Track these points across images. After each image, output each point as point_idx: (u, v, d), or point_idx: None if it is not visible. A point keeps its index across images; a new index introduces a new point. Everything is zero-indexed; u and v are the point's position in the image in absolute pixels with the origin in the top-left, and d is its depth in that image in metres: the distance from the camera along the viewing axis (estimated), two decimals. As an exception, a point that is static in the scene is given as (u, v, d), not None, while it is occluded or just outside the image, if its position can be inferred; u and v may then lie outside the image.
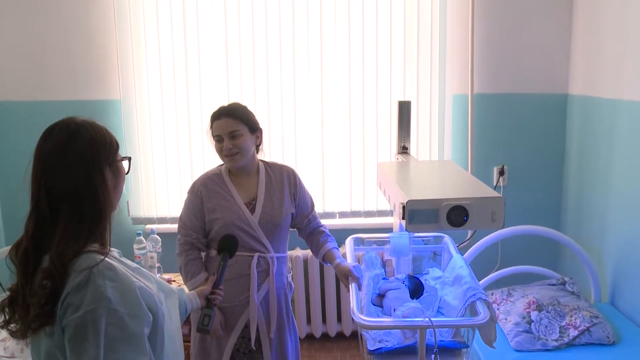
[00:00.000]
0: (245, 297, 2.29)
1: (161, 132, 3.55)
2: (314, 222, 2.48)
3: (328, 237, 2.45)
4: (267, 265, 2.31)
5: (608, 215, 3.14)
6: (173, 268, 3.27)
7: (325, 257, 2.40)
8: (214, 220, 2.28)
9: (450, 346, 2.06)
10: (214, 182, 2.32)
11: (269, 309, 2.34)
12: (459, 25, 3.52)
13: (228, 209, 2.27)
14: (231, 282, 2.27)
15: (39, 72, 3.49)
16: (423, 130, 3.60)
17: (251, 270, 2.27)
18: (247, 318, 2.31)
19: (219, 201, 2.28)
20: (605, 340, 2.62)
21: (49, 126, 1.35)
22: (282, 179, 2.37)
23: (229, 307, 2.30)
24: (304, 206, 2.43)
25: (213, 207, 2.28)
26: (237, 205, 2.28)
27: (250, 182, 2.34)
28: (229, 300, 2.27)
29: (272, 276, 2.31)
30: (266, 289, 2.32)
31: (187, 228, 2.33)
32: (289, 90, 3.51)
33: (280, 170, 2.40)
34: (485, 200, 1.92)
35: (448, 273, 2.50)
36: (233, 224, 2.25)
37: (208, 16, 3.46)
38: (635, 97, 2.86)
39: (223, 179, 2.33)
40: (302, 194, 2.42)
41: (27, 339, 1.33)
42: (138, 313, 1.28)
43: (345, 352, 3.59)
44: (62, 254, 1.26)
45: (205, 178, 2.35)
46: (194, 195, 2.32)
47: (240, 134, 2.25)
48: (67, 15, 3.43)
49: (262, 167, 2.38)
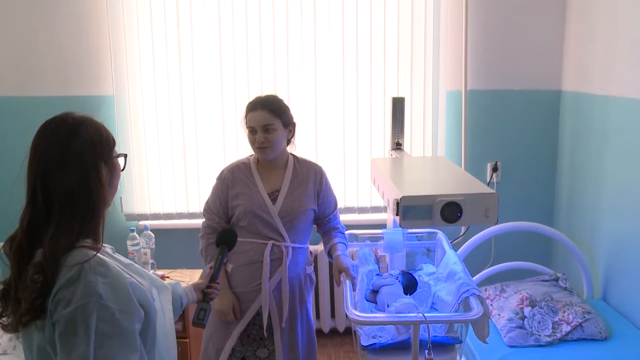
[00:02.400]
0: (258, 284, 2.32)
1: (154, 128, 3.53)
2: (334, 221, 2.51)
3: (339, 233, 2.49)
4: (281, 254, 2.33)
5: (600, 212, 3.15)
6: (167, 264, 3.28)
7: (330, 250, 2.44)
8: (236, 206, 2.33)
9: (443, 341, 2.07)
10: (240, 170, 2.38)
11: (282, 298, 2.35)
12: (452, 21, 3.52)
13: (250, 196, 2.32)
14: (244, 267, 2.32)
15: (30, 68, 3.46)
16: (416, 126, 3.60)
17: (265, 257, 2.30)
18: (260, 305, 2.33)
19: (243, 188, 2.34)
20: (598, 336, 2.63)
21: (46, 120, 1.35)
22: (308, 176, 2.41)
23: (242, 293, 2.34)
24: (327, 205, 2.47)
25: (236, 193, 2.33)
26: (260, 194, 2.32)
27: (276, 174, 2.38)
28: (242, 285, 2.34)
29: (284, 265, 2.33)
30: (279, 278, 2.34)
31: (212, 212, 2.38)
32: (283, 86, 3.50)
33: (308, 167, 2.44)
34: (479, 196, 1.93)
35: (442, 269, 2.51)
36: (253, 212, 2.30)
37: (201, 11, 3.44)
38: (625, 93, 2.88)
39: (250, 168, 2.38)
40: (326, 194, 2.45)
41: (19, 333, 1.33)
42: (129, 309, 1.28)
43: (339, 348, 3.60)
44: (55, 249, 1.26)
45: (233, 166, 2.40)
46: (220, 181, 2.38)
47: (273, 128, 2.28)
48: (59, 10, 3.41)
49: (291, 161, 2.42)
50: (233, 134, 3.50)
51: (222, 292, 2.14)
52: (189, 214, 3.60)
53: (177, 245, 3.57)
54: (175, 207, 3.61)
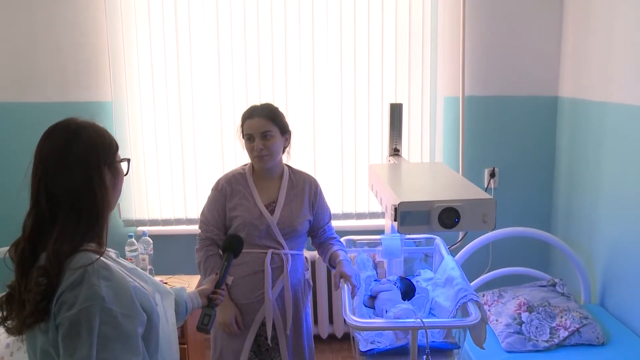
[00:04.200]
0: (261, 293, 2.31)
1: (153, 134, 3.54)
2: (329, 232, 2.50)
3: (337, 242, 2.47)
4: (282, 262, 2.32)
5: (597, 217, 3.16)
6: (165, 270, 3.27)
7: (331, 258, 2.41)
8: (234, 217, 2.31)
9: (441, 347, 2.07)
10: (237, 181, 2.36)
11: (285, 305, 2.35)
12: (450, 28, 3.54)
13: (248, 208, 2.31)
14: (246, 279, 2.30)
15: (29, 73, 3.47)
16: (414, 132, 3.61)
17: (265, 266, 2.29)
18: (264, 315, 2.32)
19: (240, 200, 2.32)
20: (595, 341, 2.64)
21: (49, 126, 1.37)
22: (303, 187, 2.40)
23: (245, 304, 2.33)
24: (321, 216, 2.46)
25: (234, 205, 2.32)
26: (257, 207, 2.31)
27: (272, 185, 2.37)
28: (244, 297, 2.32)
29: (286, 272, 2.33)
30: (281, 286, 2.34)
31: (209, 224, 2.36)
32: (281, 91, 3.51)
33: (303, 178, 2.43)
34: (477, 202, 1.94)
35: (439, 274, 2.51)
36: (251, 223, 2.29)
37: (200, 18, 3.45)
38: (623, 100, 2.89)
39: (246, 178, 2.36)
40: (320, 205, 2.45)
41: (23, 336, 1.34)
42: (132, 312, 1.29)
43: (337, 354, 3.59)
44: (58, 252, 1.27)
45: (230, 176, 2.38)
46: (217, 193, 2.36)
47: (272, 135, 2.27)
48: (58, 16, 3.41)
49: (286, 172, 2.41)
50: (231, 140, 3.50)
51: (223, 304, 2.12)
52: (187, 220, 3.60)
53: (175, 251, 3.57)
54: (173, 213, 3.61)
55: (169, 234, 3.62)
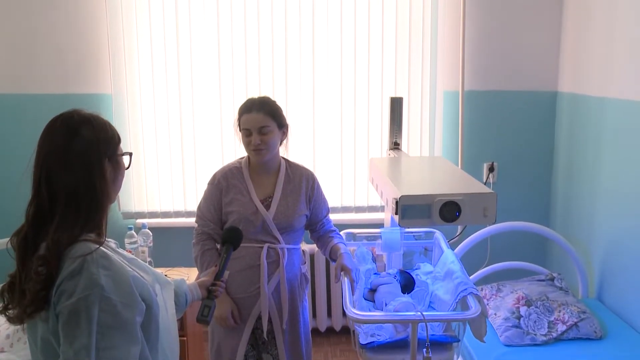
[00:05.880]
0: (257, 288, 2.31)
1: (152, 127, 3.54)
2: (327, 225, 2.49)
3: (336, 235, 2.47)
4: (277, 256, 2.32)
5: (596, 212, 3.18)
6: (164, 262, 3.28)
7: (331, 251, 2.40)
8: (230, 212, 2.30)
9: (441, 340, 2.08)
10: (234, 175, 2.34)
11: (281, 299, 2.35)
12: (450, 22, 3.54)
13: (244, 204, 2.30)
14: (242, 273, 2.30)
15: (28, 65, 3.46)
16: (414, 126, 3.62)
17: (261, 261, 2.29)
18: (260, 309, 2.32)
19: (236, 195, 2.31)
20: (593, 335, 2.66)
21: (52, 118, 1.37)
22: (300, 181, 2.39)
23: (242, 298, 2.33)
24: (319, 210, 2.45)
25: (230, 200, 2.31)
26: (253, 202, 2.30)
27: (269, 179, 2.36)
28: (240, 291, 2.32)
29: (282, 267, 2.32)
30: (277, 280, 2.34)
31: (205, 219, 2.35)
32: (281, 85, 3.51)
33: (300, 172, 2.41)
34: (478, 196, 1.94)
35: (439, 268, 2.52)
36: (247, 218, 2.28)
37: (200, 10, 3.45)
38: (622, 95, 2.90)
39: (242, 173, 2.35)
40: (317, 199, 2.43)
41: (24, 325, 1.36)
42: (131, 302, 1.30)
43: (335, 347, 3.61)
44: (58, 242, 1.29)
45: (226, 171, 2.37)
46: (213, 187, 2.35)
47: (269, 130, 2.26)
48: (58, 8, 3.40)
49: (283, 165, 2.39)
50: (230, 133, 3.50)
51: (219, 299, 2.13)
52: (187, 212, 3.61)
53: (174, 243, 3.56)
54: (172, 206, 3.61)
55: (169, 227, 3.62)
